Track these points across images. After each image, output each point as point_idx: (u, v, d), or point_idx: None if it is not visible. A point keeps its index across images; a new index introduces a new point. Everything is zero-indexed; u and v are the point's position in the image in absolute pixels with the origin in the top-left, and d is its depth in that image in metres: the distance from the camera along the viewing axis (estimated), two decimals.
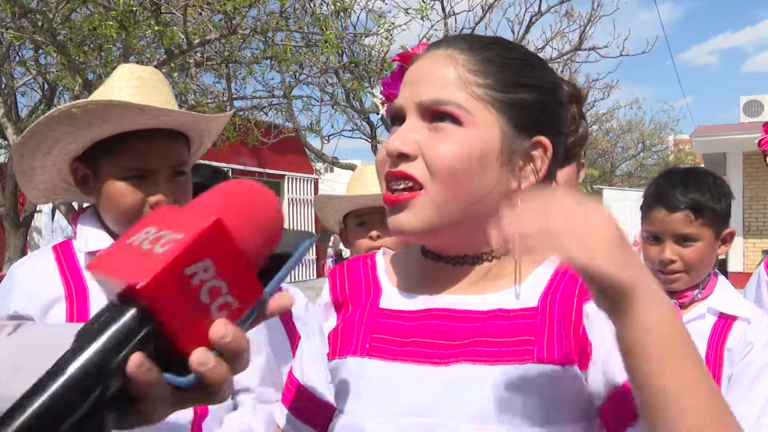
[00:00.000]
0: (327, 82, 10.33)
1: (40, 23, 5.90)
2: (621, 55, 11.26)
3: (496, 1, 10.44)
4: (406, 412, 0.80)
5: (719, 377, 1.64)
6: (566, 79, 1.00)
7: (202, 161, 1.57)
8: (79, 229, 1.39)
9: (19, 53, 8.27)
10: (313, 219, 15.09)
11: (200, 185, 1.66)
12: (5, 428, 0.48)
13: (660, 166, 24.97)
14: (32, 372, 0.79)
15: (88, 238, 1.37)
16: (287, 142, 12.10)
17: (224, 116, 1.47)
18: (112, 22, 5.40)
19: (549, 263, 0.87)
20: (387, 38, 7.91)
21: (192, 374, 0.54)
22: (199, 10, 6.37)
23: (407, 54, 0.99)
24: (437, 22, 9.85)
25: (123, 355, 0.52)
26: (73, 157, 1.35)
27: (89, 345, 0.52)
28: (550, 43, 11.47)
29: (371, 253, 1.00)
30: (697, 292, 1.75)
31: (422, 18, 7.66)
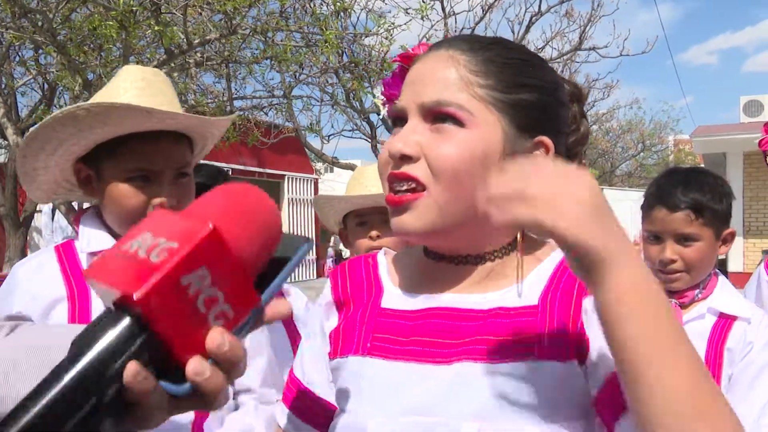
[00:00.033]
0: (327, 82, 10.33)
1: (40, 23, 5.90)
2: (621, 55, 11.28)
3: (496, 1, 10.45)
4: (407, 411, 0.80)
5: (719, 377, 1.65)
6: (567, 79, 1.00)
7: (203, 161, 1.57)
8: (81, 230, 1.39)
9: (19, 53, 8.27)
10: (313, 219, 15.09)
11: (203, 185, 1.66)
12: None
13: (660, 166, 24.98)
14: (30, 373, 0.79)
15: (90, 238, 1.38)
16: (287, 142, 12.10)
17: (228, 119, 1.48)
18: (112, 22, 5.39)
19: (550, 261, 0.88)
20: (387, 38, 7.91)
21: (188, 383, 0.54)
22: (199, 10, 6.37)
23: (408, 54, 0.99)
24: (437, 22, 9.86)
25: (119, 364, 0.52)
26: (76, 158, 1.35)
27: (86, 353, 0.52)
28: (550, 43, 11.49)
29: (373, 253, 1.00)
30: (697, 291, 1.75)
31: (422, 18, 7.66)
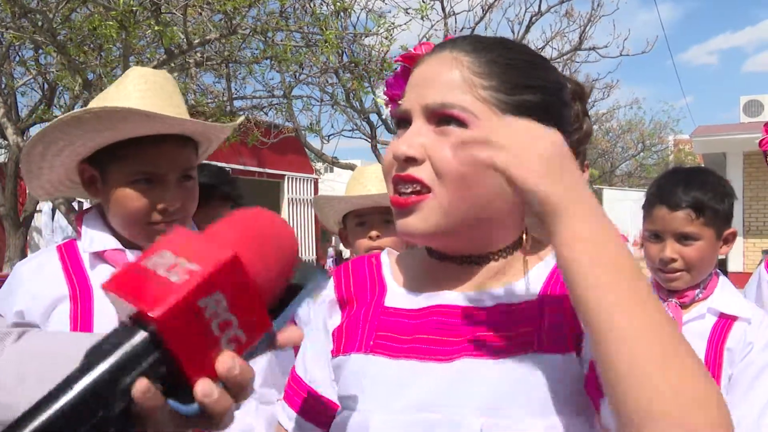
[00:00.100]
0: (327, 82, 10.33)
1: (40, 23, 5.90)
2: (621, 55, 11.25)
3: (496, 1, 10.44)
4: (410, 408, 0.80)
5: (719, 377, 1.64)
6: (569, 77, 1.00)
7: (204, 161, 1.58)
8: (84, 230, 1.40)
9: (19, 53, 8.27)
10: (313, 219, 15.08)
11: (206, 185, 1.67)
12: None
13: (660, 166, 24.96)
14: (37, 380, 0.79)
15: (93, 238, 1.38)
16: (287, 142, 12.09)
17: (233, 124, 1.51)
18: (112, 22, 5.39)
19: (552, 258, 0.88)
20: (387, 38, 7.91)
21: (196, 404, 0.55)
22: (199, 10, 6.36)
23: (411, 55, 0.99)
24: (437, 22, 9.85)
25: (130, 379, 0.52)
26: (81, 158, 1.35)
27: (98, 365, 0.52)
28: (550, 43, 11.46)
29: (376, 253, 1.01)
30: (697, 291, 1.75)
31: (422, 18, 7.66)
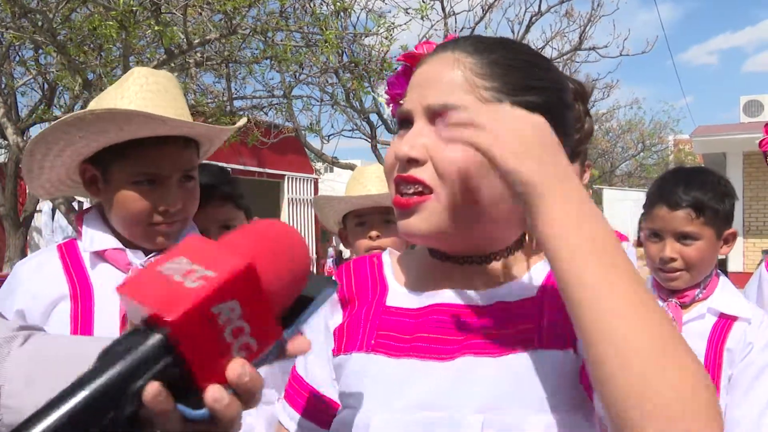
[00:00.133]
0: (327, 82, 10.32)
1: (40, 23, 5.90)
2: (621, 55, 11.25)
3: (496, 1, 10.44)
4: (411, 407, 0.80)
5: (719, 377, 1.65)
6: (570, 77, 1.00)
7: (205, 161, 1.59)
8: (84, 230, 1.40)
9: (19, 53, 8.26)
10: (313, 219, 15.08)
11: (207, 185, 1.67)
12: None
13: (660, 166, 24.96)
14: (43, 383, 0.79)
15: (93, 237, 1.38)
16: (287, 142, 12.08)
17: (236, 126, 1.52)
18: (112, 22, 5.39)
19: None
20: (387, 38, 7.90)
21: (206, 409, 0.55)
22: (199, 10, 6.36)
23: (413, 54, 0.99)
24: (437, 22, 9.85)
25: (141, 382, 0.53)
26: (83, 158, 1.36)
27: (111, 366, 0.53)
28: (550, 43, 11.46)
29: (378, 253, 1.01)
30: (698, 291, 1.75)
31: (422, 18, 7.65)
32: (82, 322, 1.32)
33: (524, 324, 0.82)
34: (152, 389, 0.53)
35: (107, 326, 1.31)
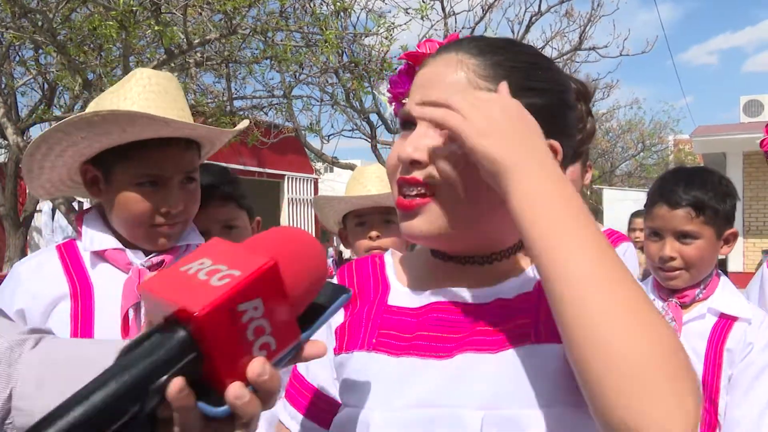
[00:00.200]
0: (327, 82, 10.31)
1: (40, 23, 5.90)
2: (621, 55, 11.24)
3: (496, 1, 10.44)
4: (411, 405, 0.81)
5: (719, 377, 1.65)
6: (573, 76, 1.01)
7: (206, 161, 1.59)
8: (84, 230, 1.40)
9: (19, 53, 8.26)
10: (313, 219, 15.08)
11: (208, 185, 1.67)
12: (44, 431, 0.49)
13: (660, 166, 24.93)
14: (53, 386, 0.80)
15: (94, 238, 1.38)
16: (287, 142, 12.08)
17: (239, 128, 1.52)
18: (112, 22, 5.39)
19: None
20: (387, 38, 7.90)
21: (226, 406, 0.55)
22: (199, 10, 6.36)
23: (415, 54, 0.99)
24: (437, 22, 9.85)
25: (165, 378, 0.53)
26: (84, 159, 1.35)
27: (137, 362, 0.53)
28: (550, 43, 11.45)
29: (380, 253, 1.02)
30: (698, 291, 1.75)
31: (422, 18, 7.65)
32: (83, 322, 1.32)
33: (522, 319, 0.83)
34: (176, 385, 0.53)
35: (107, 326, 1.31)
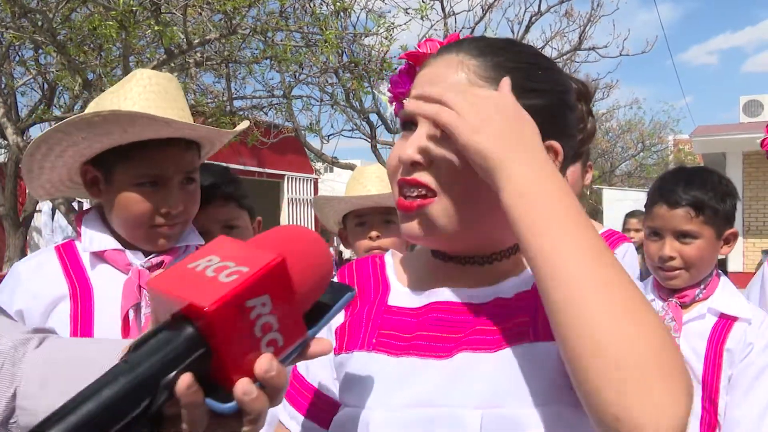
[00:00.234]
0: (327, 82, 10.31)
1: (39, 23, 5.90)
2: (621, 55, 11.23)
3: (495, 1, 10.44)
4: (410, 404, 0.81)
5: (719, 377, 1.65)
6: (574, 76, 1.01)
7: (207, 161, 1.59)
8: (84, 230, 1.40)
9: (18, 53, 8.25)
10: (313, 219, 15.07)
11: (212, 185, 1.67)
12: (53, 427, 0.49)
13: (660, 166, 24.92)
14: (57, 386, 0.80)
15: (93, 238, 1.38)
16: (287, 142, 12.07)
17: (239, 129, 1.53)
18: (112, 22, 5.39)
19: None
20: (387, 38, 7.90)
21: (234, 402, 0.55)
22: (199, 10, 6.36)
23: (416, 54, 0.99)
24: (437, 22, 9.85)
25: (174, 374, 0.53)
26: (84, 159, 1.35)
27: (146, 358, 0.53)
28: (549, 43, 11.45)
29: (380, 254, 1.02)
30: (698, 291, 1.75)
31: (422, 18, 7.66)
32: (82, 322, 1.32)
33: (520, 317, 0.83)
34: (185, 381, 0.53)
35: (107, 327, 1.31)
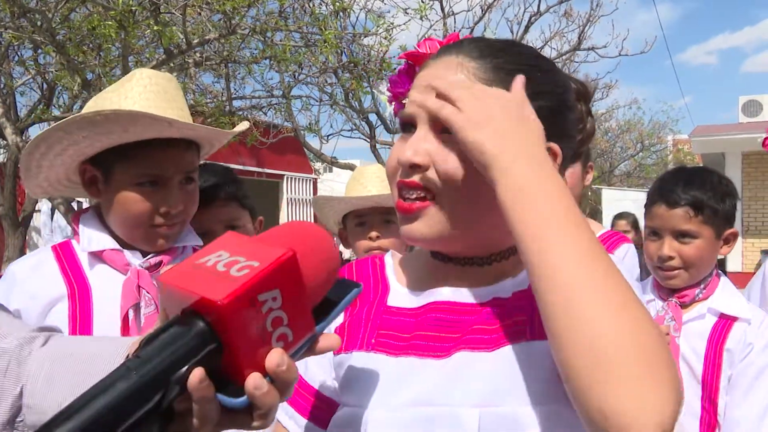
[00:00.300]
0: (326, 81, 10.30)
1: (39, 23, 5.89)
2: (620, 55, 11.23)
3: (495, 1, 10.43)
4: (409, 404, 0.81)
5: (719, 377, 1.65)
6: (573, 76, 1.01)
7: (207, 161, 1.59)
8: (81, 230, 1.40)
9: (18, 53, 8.24)
10: (312, 219, 15.08)
11: (213, 185, 1.66)
12: (67, 422, 0.49)
13: (659, 166, 24.94)
14: (63, 384, 0.79)
15: (91, 238, 1.38)
16: (286, 141, 12.07)
17: (240, 129, 1.53)
18: (111, 22, 5.38)
19: None
20: (386, 38, 7.89)
21: (245, 397, 0.55)
22: (198, 10, 6.35)
23: (416, 53, 0.99)
24: (436, 22, 9.83)
25: (186, 369, 0.53)
26: (84, 159, 1.35)
27: (158, 353, 0.53)
28: (549, 43, 11.44)
29: (380, 254, 1.02)
30: (698, 291, 1.75)
31: (421, 18, 7.65)
32: (81, 322, 1.32)
33: (517, 316, 0.83)
34: (197, 375, 0.53)
35: (106, 327, 1.31)
